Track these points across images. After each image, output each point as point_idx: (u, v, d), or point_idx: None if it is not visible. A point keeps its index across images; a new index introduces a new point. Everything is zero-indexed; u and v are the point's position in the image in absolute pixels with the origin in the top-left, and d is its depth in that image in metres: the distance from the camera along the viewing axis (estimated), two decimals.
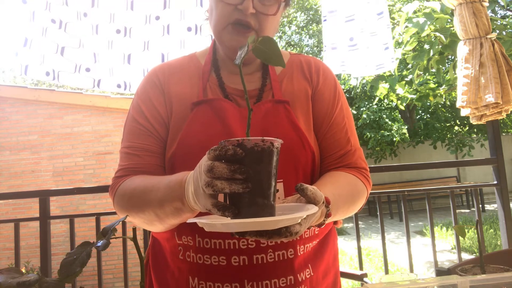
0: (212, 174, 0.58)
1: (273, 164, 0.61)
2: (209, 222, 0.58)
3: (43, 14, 2.03)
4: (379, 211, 2.38)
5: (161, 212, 0.77)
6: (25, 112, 6.38)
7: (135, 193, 0.83)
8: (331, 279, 0.96)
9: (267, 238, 0.61)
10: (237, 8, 0.86)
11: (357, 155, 0.96)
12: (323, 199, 0.67)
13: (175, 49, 2.26)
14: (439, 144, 12.71)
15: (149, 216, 0.80)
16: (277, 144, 0.61)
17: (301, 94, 0.95)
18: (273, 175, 0.61)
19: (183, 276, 0.87)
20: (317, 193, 0.66)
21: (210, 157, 0.60)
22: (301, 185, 0.64)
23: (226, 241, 0.83)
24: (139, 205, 0.81)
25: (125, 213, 0.85)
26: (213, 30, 0.93)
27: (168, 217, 0.77)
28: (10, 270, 0.59)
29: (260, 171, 0.59)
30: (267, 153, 0.60)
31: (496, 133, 2.33)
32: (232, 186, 0.58)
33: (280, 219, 0.57)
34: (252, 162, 0.59)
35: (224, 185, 0.58)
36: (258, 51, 0.62)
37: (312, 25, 15.48)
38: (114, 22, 2.19)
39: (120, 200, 0.86)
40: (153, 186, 0.79)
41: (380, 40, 2.40)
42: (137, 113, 0.93)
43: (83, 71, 2.16)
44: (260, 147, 0.59)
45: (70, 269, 0.58)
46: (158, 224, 0.81)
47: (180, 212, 0.74)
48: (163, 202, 0.75)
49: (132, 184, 0.85)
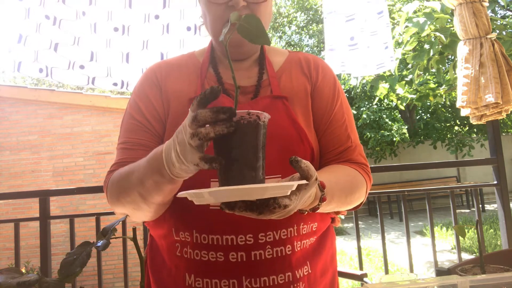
0: (197, 121, 0.59)
1: (260, 137, 0.62)
2: (197, 192, 0.58)
3: (37, 10, 2.03)
4: (379, 211, 2.38)
5: (144, 190, 0.76)
6: (25, 112, 6.38)
7: (121, 179, 0.83)
8: (329, 278, 0.96)
9: (257, 213, 0.60)
10: (228, 6, 0.86)
11: (358, 151, 0.96)
12: (315, 175, 0.66)
13: (175, 49, 2.26)
14: (439, 144, 12.71)
15: (135, 198, 0.79)
16: (263, 117, 0.62)
17: (300, 91, 0.95)
18: (260, 148, 0.62)
19: (180, 273, 0.87)
20: (311, 167, 0.65)
21: (193, 109, 0.61)
22: (295, 157, 0.63)
23: (224, 237, 0.82)
24: (124, 189, 0.81)
25: (115, 202, 0.85)
26: (211, 33, 0.93)
27: (150, 194, 0.76)
28: (10, 270, 0.59)
29: (247, 143, 0.60)
30: (253, 126, 0.61)
31: (496, 133, 2.33)
32: (216, 128, 0.58)
33: (267, 186, 0.57)
34: (238, 135, 0.60)
35: (209, 129, 0.58)
36: (242, 29, 0.62)
37: (312, 25, 15.48)
38: (112, 20, 2.18)
39: (110, 191, 0.86)
40: (135, 166, 0.80)
41: (380, 39, 2.41)
42: (134, 110, 0.93)
43: (77, 68, 2.15)
44: (246, 120, 0.60)
45: (70, 269, 0.58)
46: (144, 205, 0.80)
47: (160, 185, 0.73)
48: (143, 179, 0.75)
49: (119, 172, 0.85)
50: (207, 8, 0.89)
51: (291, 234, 0.85)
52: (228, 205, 0.60)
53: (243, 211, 0.61)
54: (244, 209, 0.60)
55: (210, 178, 0.82)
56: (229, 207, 0.60)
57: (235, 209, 0.60)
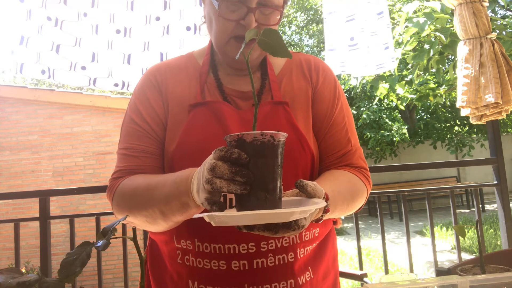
0: (214, 173, 0.59)
1: (274, 157, 0.60)
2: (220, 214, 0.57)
3: (39, 12, 2.03)
4: (379, 211, 2.38)
5: (166, 208, 0.76)
6: (25, 112, 6.37)
7: (137, 191, 0.82)
8: (331, 280, 0.95)
9: (273, 233, 0.61)
10: (239, 23, 0.85)
11: (358, 154, 0.96)
12: (323, 194, 0.66)
13: (174, 48, 2.26)
14: (439, 144, 12.70)
15: (153, 214, 0.79)
16: (278, 137, 0.61)
17: (301, 94, 0.94)
18: (276, 168, 0.61)
19: (183, 280, 0.86)
20: (317, 188, 0.65)
21: (215, 157, 0.61)
22: (301, 181, 0.64)
23: (226, 246, 0.82)
24: (142, 203, 0.80)
25: (125, 213, 0.84)
26: (215, 42, 0.92)
27: (173, 214, 0.77)
28: (10, 270, 0.59)
29: (261, 164, 0.59)
30: (267, 147, 0.59)
31: (496, 133, 2.33)
32: (231, 186, 0.59)
33: (293, 211, 0.57)
34: (252, 156, 0.59)
35: (223, 184, 0.59)
36: (263, 43, 0.63)
37: (312, 25, 15.48)
38: (114, 22, 2.19)
39: (121, 200, 0.85)
40: (158, 182, 0.79)
41: (380, 40, 2.41)
42: (134, 114, 0.93)
43: (78, 69, 2.15)
44: (260, 141, 0.59)
45: (70, 269, 0.58)
46: (161, 222, 0.80)
47: (187, 208, 0.74)
48: (169, 198, 0.75)
49: (133, 183, 0.84)
50: (215, 19, 0.88)
51: (293, 241, 0.85)
52: (247, 226, 0.61)
53: (261, 231, 0.61)
54: (263, 230, 0.61)
55: None
56: (248, 228, 0.61)
57: (254, 230, 0.61)
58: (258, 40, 0.62)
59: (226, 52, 0.90)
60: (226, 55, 0.91)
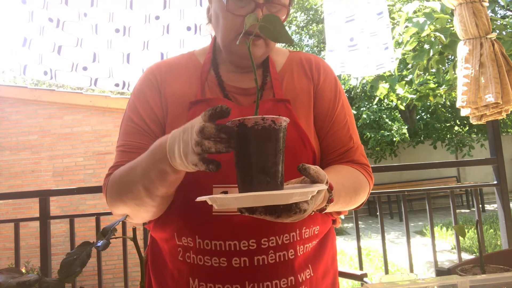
0: (203, 134, 0.61)
1: (275, 142, 0.61)
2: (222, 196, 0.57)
3: (41, 13, 2.03)
4: (379, 211, 2.38)
5: (148, 182, 0.77)
6: (25, 112, 6.37)
7: (122, 176, 0.83)
8: (330, 279, 0.96)
9: (275, 217, 0.61)
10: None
11: (359, 151, 0.97)
12: (326, 178, 0.67)
13: (175, 48, 2.26)
14: (439, 144, 12.70)
15: (138, 193, 0.79)
16: (280, 122, 0.61)
17: (303, 92, 0.94)
18: (277, 153, 0.61)
19: (183, 277, 0.86)
20: (320, 171, 0.66)
21: (204, 119, 0.62)
22: (303, 164, 0.64)
23: (227, 243, 0.82)
24: (127, 185, 0.81)
25: (117, 203, 0.84)
26: (221, 39, 0.91)
27: (155, 186, 0.76)
28: (10, 270, 0.59)
29: (262, 149, 0.60)
30: (268, 131, 0.60)
31: (496, 133, 2.33)
32: (217, 145, 0.60)
33: (293, 192, 0.57)
34: (254, 140, 0.60)
35: (211, 144, 0.61)
36: (264, 29, 0.63)
37: (312, 25, 15.47)
38: (113, 21, 2.19)
39: (111, 191, 0.86)
40: (137, 160, 0.80)
41: (380, 40, 2.41)
42: (133, 113, 0.93)
43: (80, 69, 2.16)
44: (261, 125, 0.60)
45: (70, 269, 0.58)
46: (148, 200, 0.80)
47: (165, 175, 0.73)
48: (147, 169, 0.76)
49: (119, 171, 0.86)
50: (223, 15, 0.88)
51: (293, 238, 0.85)
52: (249, 209, 0.61)
53: (263, 215, 0.61)
54: (264, 213, 0.61)
55: (213, 183, 0.83)
56: (250, 211, 0.62)
57: (256, 213, 0.61)
58: (259, 26, 0.63)
59: (232, 48, 0.90)
60: (231, 52, 0.91)
